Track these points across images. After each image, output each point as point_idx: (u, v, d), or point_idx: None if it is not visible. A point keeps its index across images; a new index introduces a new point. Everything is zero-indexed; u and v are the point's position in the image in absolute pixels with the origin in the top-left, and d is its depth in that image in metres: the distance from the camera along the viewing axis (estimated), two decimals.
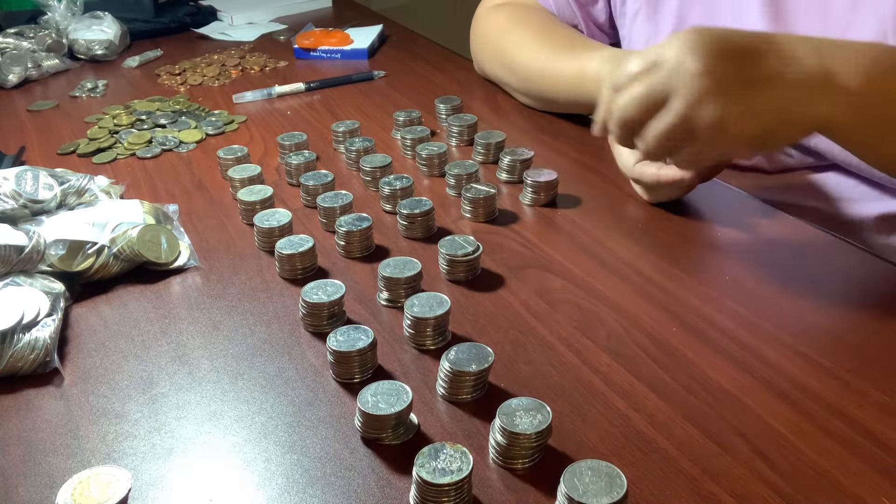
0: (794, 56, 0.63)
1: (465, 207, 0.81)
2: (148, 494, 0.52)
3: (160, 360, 0.64)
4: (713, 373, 0.59)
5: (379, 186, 0.84)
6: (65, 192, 0.79)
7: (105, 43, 1.36)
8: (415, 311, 0.62)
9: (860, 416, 0.54)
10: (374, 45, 1.35)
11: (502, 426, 0.51)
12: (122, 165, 0.98)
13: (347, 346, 0.59)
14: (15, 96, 1.23)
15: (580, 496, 0.46)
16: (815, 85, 0.63)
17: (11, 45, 1.30)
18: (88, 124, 1.09)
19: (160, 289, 0.73)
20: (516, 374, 0.60)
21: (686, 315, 0.65)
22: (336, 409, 0.58)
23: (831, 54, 0.63)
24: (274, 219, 0.78)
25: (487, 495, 0.50)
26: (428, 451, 0.49)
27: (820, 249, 0.73)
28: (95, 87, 1.23)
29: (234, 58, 1.34)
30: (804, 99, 0.63)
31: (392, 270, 0.68)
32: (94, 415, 0.58)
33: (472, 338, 0.64)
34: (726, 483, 0.50)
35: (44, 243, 0.70)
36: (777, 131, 0.64)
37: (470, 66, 1.25)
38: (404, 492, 0.51)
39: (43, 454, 0.55)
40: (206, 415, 0.58)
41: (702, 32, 0.63)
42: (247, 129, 1.07)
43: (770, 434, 0.53)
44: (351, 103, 1.13)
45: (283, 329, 0.66)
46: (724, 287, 0.69)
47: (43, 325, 0.64)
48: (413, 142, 0.95)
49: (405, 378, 0.60)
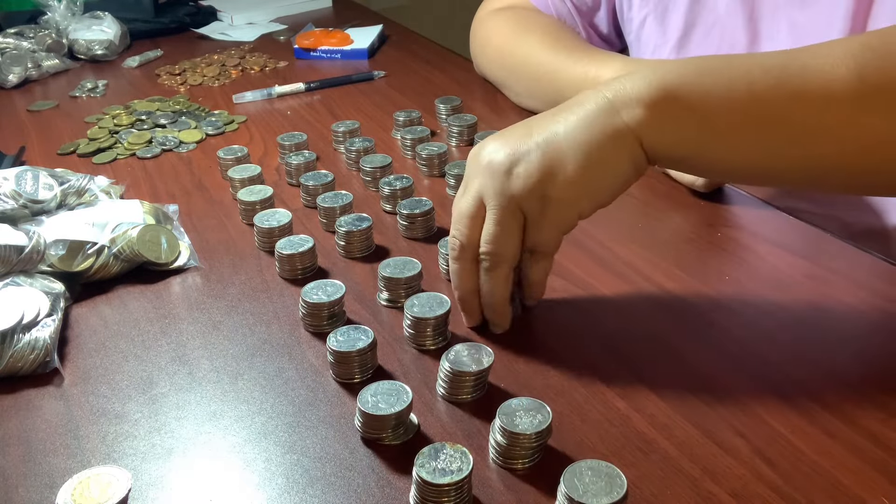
0: (575, 100, 0.61)
1: None
2: (148, 494, 0.52)
3: (160, 360, 0.64)
4: (713, 373, 0.59)
5: (379, 186, 0.84)
6: (65, 192, 0.79)
7: (105, 43, 1.36)
8: (415, 311, 0.62)
9: (860, 416, 0.54)
10: (374, 45, 1.35)
11: (502, 426, 0.51)
12: (122, 165, 0.98)
13: (347, 346, 0.59)
14: (15, 96, 1.23)
15: (580, 496, 0.46)
16: (604, 107, 0.59)
17: (11, 45, 1.30)
18: (88, 124, 1.09)
19: (160, 289, 0.73)
20: (516, 374, 0.60)
21: (686, 315, 0.65)
22: (336, 409, 0.58)
23: (615, 80, 0.60)
24: (274, 219, 0.78)
25: (487, 495, 0.50)
26: (428, 451, 0.49)
27: (820, 249, 0.73)
28: (95, 87, 1.23)
29: (234, 58, 1.34)
30: (596, 120, 0.58)
31: (392, 270, 0.68)
32: (94, 415, 0.58)
33: (472, 338, 0.64)
34: (726, 483, 0.50)
35: (44, 243, 0.70)
36: (594, 167, 0.59)
37: (470, 66, 1.25)
38: (404, 492, 0.51)
39: (43, 454, 0.55)
40: (206, 415, 0.58)
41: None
42: (247, 129, 1.07)
43: (770, 434, 0.53)
44: (351, 103, 1.13)
45: (283, 329, 0.66)
46: (724, 287, 0.69)
47: (43, 325, 0.64)
48: (413, 142, 0.95)
49: (405, 378, 0.60)
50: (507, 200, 0.59)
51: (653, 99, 0.58)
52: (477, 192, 0.61)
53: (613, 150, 0.58)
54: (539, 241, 0.61)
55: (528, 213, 0.60)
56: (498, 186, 0.59)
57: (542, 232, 0.61)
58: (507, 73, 1.05)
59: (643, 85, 0.58)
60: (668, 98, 0.58)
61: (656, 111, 0.58)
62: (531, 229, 0.61)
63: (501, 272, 0.62)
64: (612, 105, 0.59)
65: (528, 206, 0.59)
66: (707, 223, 0.78)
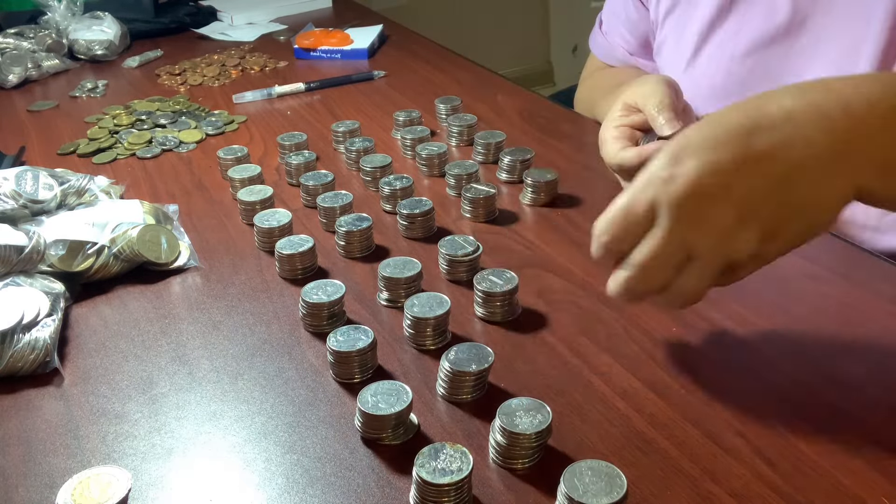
0: (801, 135, 0.50)
1: (465, 207, 0.81)
2: (148, 494, 0.52)
3: (160, 360, 0.64)
4: (713, 373, 0.59)
5: (379, 186, 0.84)
6: (65, 192, 0.79)
7: (105, 43, 1.36)
8: (415, 311, 0.62)
9: (860, 416, 0.54)
10: (374, 45, 1.35)
11: (502, 426, 0.51)
12: (122, 165, 0.98)
13: (347, 346, 0.59)
14: (15, 96, 1.23)
15: (580, 496, 0.46)
16: (839, 154, 0.50)
17: (11, 45, 1.30)
18: (88, 124, 1.09)
19: (160, 289, 0.73)
20: (516, 374, 0.60)
21: (686, 315, 0.65)
22: (336, 409, 0.58)
23: (841, 118, 0.50)
24: (274, 219, 0.78)
25: (487, 495, 0.50)
26: (428, 451, 0.49)
27: (820, 249, 0.73)
28: (95, 88, 1.23)
29: (234, 58, 1.34)
30: (835, 176, 0.50)
31: (392, 270, 0.68)
32: (94, 415, 0.58)
33: (472, 338, 0.64)
34: (726, 483, 0.50)
35: (44, 243, 0.70)
36: (799, 230, 0.52)
37: (470, 66, 1.25)
38: (404, 492, 0.51)
39: (43, 454, 0.55)
40: (206, 415, 0.58)
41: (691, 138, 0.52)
42: (247, 129, 1.07)
43: (770, 434, 0.53)
44: (351, 103, 1.13)
45: (283, 329, 0.66)
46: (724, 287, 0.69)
47: (43, 325, 0.64)
48: (413, 142, 0.95)
49: (405, 378, 0.60)
50: (722, 262, 0.52)
51: (888, 160, 0.51)
52: (681, 243, 0.51)
53: (838, 208, 0.52)
54: (718, 283, 0.54)
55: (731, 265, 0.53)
56: (718, 248, 0.51)
57: (730, 280, 0.54)
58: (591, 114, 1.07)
59: (885, 137, 0.51)
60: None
61: (888, 172, 0.51)
62: (722, 277, 0.53)
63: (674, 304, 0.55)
64: (845, 155, 0.50)
65: (737, 265, 0.53)
66: None
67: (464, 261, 0.70)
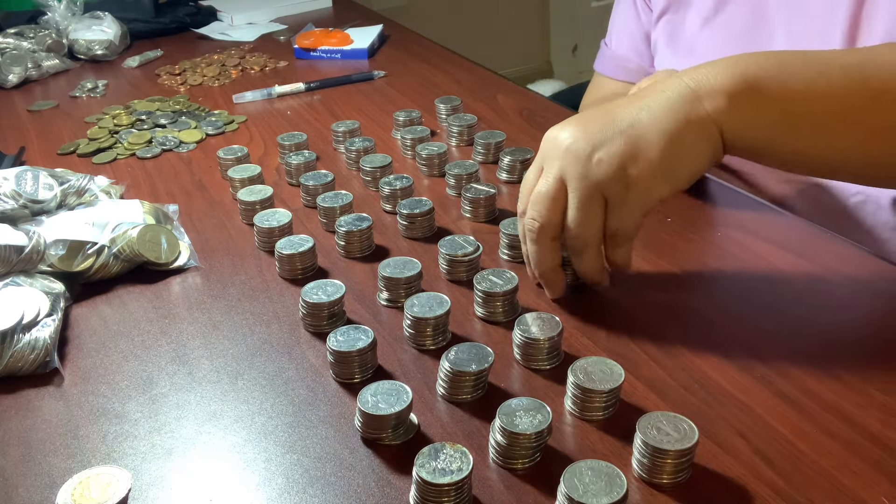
0: (655, 88, 0.63)
1: (465, 207, 0.81)
2: (148, 494, 0.52)
3: (160, 360, 0.64)
4: (713, 373, 0.59)
5: (379, 186, 0.84)
6: (65, 192, 0.79)
7: (105, 43, 1.36)
8: (415, 311, 0.63)
9: (860, 417, 0.54)
10: (374, 45, 1.35)
11: (502, 426, 0.51)
12: (122, 165, 0.98)
13: (347, 346, 0.59)
14: (15, 96, 1.23)
15: (580, 496, 0.46)
16: (687, 96, 0.61)
17: (11, 45, 1.30)
18: (88, 124, 1.09)
19: (160, 289, 0.73)
20: (516, 374, 0.60)
21: (686, 315, 0.65)
22: (336, 409, 0.58)
23: (693, 72, 0.63)
24: (274, 219, 0.78)
25: (487, 495, 0.50)
26: (428, 451, 0.49)
27: (820, 248, 0.73)
28: (95, 88, 1.23)
29: (234, 58, 1.34)
30: (679, 108, 0.61)
31: (392, 270, 0.68)
32: (94, 415, 0.58)
33: (472, 338, 0.64)
34: (726, 482, 0.50)
35: (44, 243, 0.70)
36: (676, 153, 0.61)
37: (470, 66, 1.25)
38: (404, 492, 0.51)
39: (43, 454, 0.55)
40: (206, 415, 0.58)
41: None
42: (247, 129, 1.07)
43: (770, 434, 0.53)
44: (351, 103, 1.13)
45: (283, 329, 0.66)
46: (725, 287, 0.69)
47: (43, 325, 0.64)
48: (413, 142, 0.95)
49: (405, 378, 0.60)
50: (591, 185, 0.61)
51: (736, 89, 0.61)
52: (557, 176, 0.62)
53: (695, 138, 0.61)
54: (621, 225, 0.63)
55: (610, 198, 0.62)
56: (581, 171, 0.61)
57: (624, 215, 0.62)
58: None
59: (726, 76, 0.61)
60: (750, 89, 0.61)
61: (738, 101, 0.61)
62: (613, 212, 0.62)
63: (590, 254, 0.64)
64: (694, 94, 0.61)
65: (610, 191, 0.61)
66: (707, 223, 0.78)
67: (464, 261, 0.70)
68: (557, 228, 0.63)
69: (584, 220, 0.62)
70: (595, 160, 0.61)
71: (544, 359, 0.60)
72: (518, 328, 0.60)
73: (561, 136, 0.63)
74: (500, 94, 1.11)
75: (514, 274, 0.66)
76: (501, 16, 3.07)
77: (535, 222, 0.64)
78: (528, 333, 0.59)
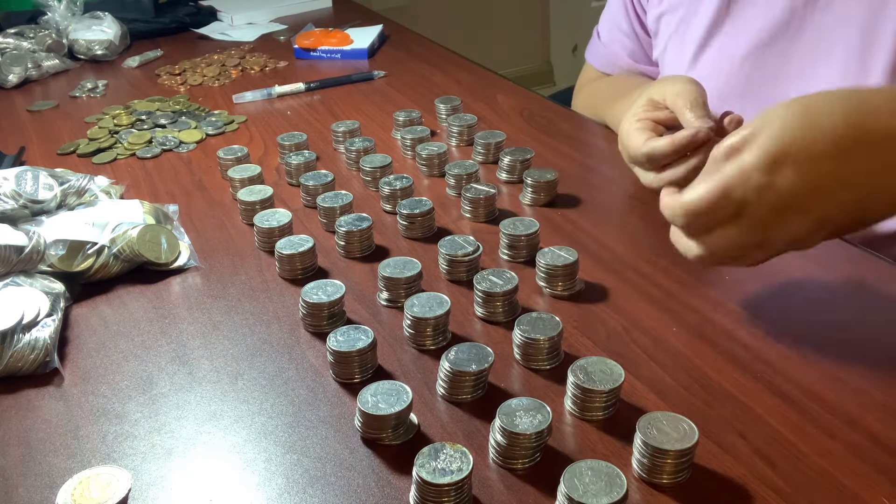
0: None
1: (465, 207, 0.81)
2: (148, 494, 0.52)
3: (160, 360, 0.64)
4: (713, 373, 0.59)
5: (379, 186, 0.84)
6: (65, 192, 0.79)
7: (105, 43, 1.36)
8: (415, 311, 0.62)
9: (861, 417, 0.54)
10: (374, 45, 1.35)
11: (502, 426, 0.51)
12: (122, 165, 0.98)
13: (347, 346, 0.59)
14: (15, 96, 1.23)
15: (580, 496, 0.46)
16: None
17: (11, 45, 1.30)
18: (88, 124, 1.09)
19: (160, 289, 0.73)
20: (516, 374, 0.60)
21: (686, 315, 0.65)
22: (336, 409, 0.58)
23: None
24: (274, 219, 0.78)
25: (487, 495, 0.50)
26: (428, 451, 0.49)
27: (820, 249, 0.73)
28: (95, 88, 1.23)
29: (234, 58, 1.34)
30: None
31: (392, 270, 0.68)
32: (94, 415, 0.58)
33: (472, 338, 0.64)
34: (727, 482, 0.50)
35: (44, 243, 0.70)
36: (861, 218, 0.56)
37: (470, 66, 1.25)
38: (404, 492, 0.51)
39: (43, 454, 0.55)
40: (206, 415, 0.58)
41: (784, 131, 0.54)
42: (247, 129, 1.07)
43: (770, 434, 0.53)
44: (351, 103, 1.13)
45: (283, 329, 0.66)
46: (724, 287, 0.69)
47: (43, 325, 0.64)
48: (413, 142, 0.95)
49: (405, 378, 0.60)
50: (772, 254, 0.57)
51: None
52: (758, 242, 0.56)
53: None
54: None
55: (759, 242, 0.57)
56: (788, 246, 0.57)
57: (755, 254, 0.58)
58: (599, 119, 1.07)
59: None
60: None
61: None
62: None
63: (675, 232, 0.62)
64: None
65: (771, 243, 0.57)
66: None
67: (464, 261, 0.70)
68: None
69: (753, 264, 0.58)
70: (808, 242, 0.56)
71: (544, 359, 0.60)
72: (518, 328, 0.60)
73: (791, 203, 0.53)
74: (500, 94, 1.11)
75: (514, 274, 0.66)
76: (501, 16, 3.07)
77: (702, 264, 0.60)
78: (528, 333, 0.59)
